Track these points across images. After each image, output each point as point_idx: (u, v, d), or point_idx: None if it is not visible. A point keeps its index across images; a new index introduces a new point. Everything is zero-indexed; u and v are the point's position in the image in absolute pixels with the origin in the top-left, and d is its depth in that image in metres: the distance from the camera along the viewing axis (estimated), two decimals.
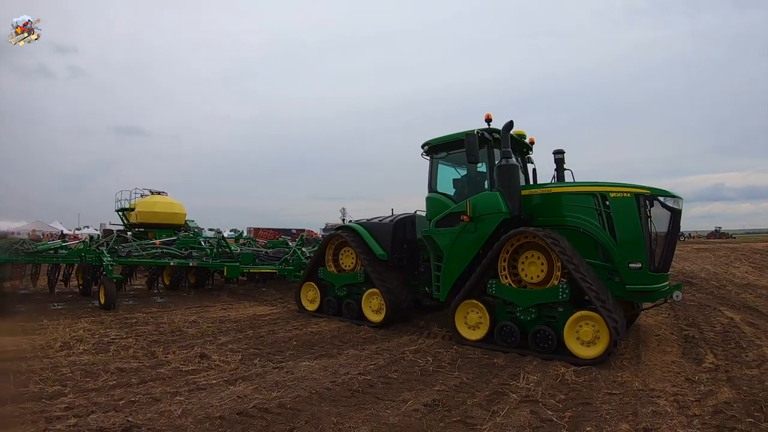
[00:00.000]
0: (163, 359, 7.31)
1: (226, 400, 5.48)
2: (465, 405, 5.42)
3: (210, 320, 10.65)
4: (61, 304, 12.85)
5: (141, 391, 5.81)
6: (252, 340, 8.86)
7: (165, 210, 23.45)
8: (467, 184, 9.90)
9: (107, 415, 4.96)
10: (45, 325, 9.60)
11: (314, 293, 12.03)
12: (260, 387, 6.00)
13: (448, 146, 9.90)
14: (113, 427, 4.66)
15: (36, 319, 10.29)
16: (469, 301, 8.69)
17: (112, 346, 8.02)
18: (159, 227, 22.61)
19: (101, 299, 12.22)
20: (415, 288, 10.87)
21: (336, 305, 11.47)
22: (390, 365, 7.18)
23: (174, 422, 4.82)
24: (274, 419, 4.96)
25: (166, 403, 5.34)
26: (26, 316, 10.91)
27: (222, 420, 4.90)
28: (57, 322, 9.93)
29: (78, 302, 13.26)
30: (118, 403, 5.35)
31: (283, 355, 7.79)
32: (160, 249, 15.20)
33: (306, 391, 5.87)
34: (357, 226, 11.37)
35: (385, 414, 5.13)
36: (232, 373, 6.63)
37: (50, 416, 4.92)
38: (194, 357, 7.44)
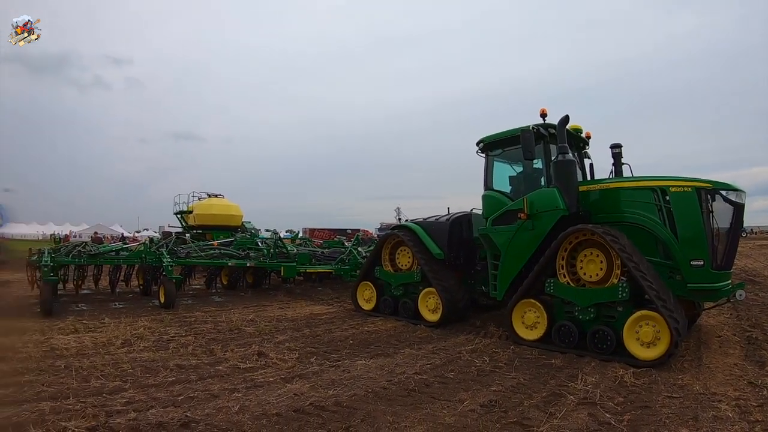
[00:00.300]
0: (221, 357, 7.45)
1: (282, 398, 5.55)
2: (522, 406, 5.36)
3: (267, 319, 10.81)
4: (122, 303, 13.22)
5: (199, 387, 5.94)
6: (309, 339, 8.95)
7: (222, 212, 23.92)
8: (523, 181, 9.75)
9: (166, 410, 5.08)
10: (107, 323, 9.91)
11: (370, 293, 12.08)
12: (317, 385, 6.06)
13: (504, 143, 9.80)
14: (172, 421, 4.77)
15: (98, 318, 10.65)
16: (527, 301, 8.58)
17: (171, 344, 8.23)
18: (216, 229, 23.05)
19: (161, 298, 12.54)
20: (472, 287, 10.81)
21: (392, 304, 11.48)
22: (446, 365, 7.15)
23: (231, 418, 4.91)
24: (330, 417, 5.00)
25: (224, 400, 5.45)
26: (88, 314, 11.23)
27: (279, 417, 4.96)
28: (118, 320, 10.25)
29: (138, 301, 13.63)
30: (177, 398, 5.48)
31: (339, 353, 7.85)
32: (218, 250, 15.53)
33: (362, 389, 5.91)
34: (413, 225, 11.36)
35: (441, 414, 5.11)
36: (289, 371, 6.72)
37: (110, 410, 5.08)
38: (252, 355, 7.56)
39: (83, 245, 15.24)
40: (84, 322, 10.06)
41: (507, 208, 9.19)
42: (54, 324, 9.86)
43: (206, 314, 11.40)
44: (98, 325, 9.84)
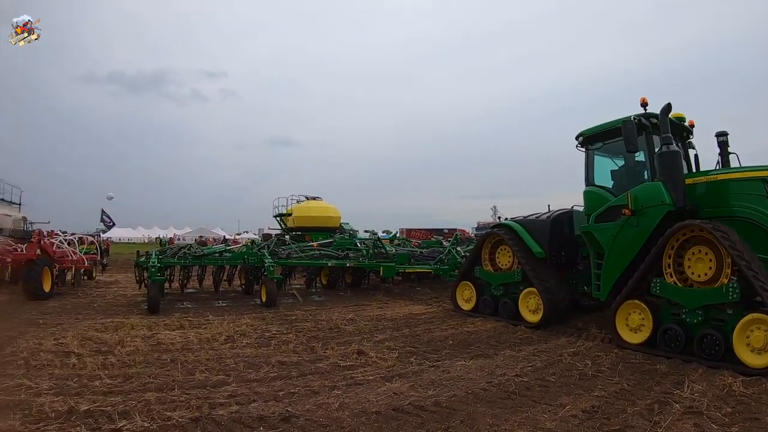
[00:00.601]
0: (321, 354, 7.61)
1: (382, 396, 5.60)
2: (625, 413, 5.17)
3: (367, 318, 10.94)
4: (224, 301, 13.75)
5: (300, 383, 6.09)
6: (408, 339, 8.99)
7: (320, 214, 24.39)
8: (626, 174, 9.42)
9: (267, 404, 5.25)
10: (211, 321, 10.34)
11: (470, 292, 11.98)
12: (416, 385, 6.07)
13: (604, 135, 9.52)
14: (273, 415, 4.92)
15: (202, 315, 11.14)
16: (631, 302, 8.24)
17: (273, 341, 8.48)
18: (315, 230, 23.52)
19: (263, 297, 12.91)
20: (574, 287, 10.53)
21: (492, 305, 11.34)
22: (547, 368, 7.02)
23: (331, 414, 4.99)
24: (429, 417, 5.00)
25: (324, 396, 5.56)
26: (193, 312, 11.78)
27: (378, 415, 5.01)
28: (222, 317, 10.67)
29: (240, 300, 14.13)
30: (278, 393, 5.65)
31: (439, 354, 7.83)
32: (318, 251, 15.85)
33: (462, 390, 5.88)
34: (513, 223, 11.19)
35: (542, 418, 5.01)
36: (388, 370, 6.77)
37: (214, 402, 5.30)
38: (352, 353, 7.68)
39: (188, 247, 15.95)
40: (189, 319, 10.56)
41: (610, 204, 8.91)
42: (161, 320, 10.39)
43: (307, 313, 11.64)
44: (202, 322, 10.29)
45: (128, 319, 10.67)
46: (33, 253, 13.83)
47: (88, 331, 9.26)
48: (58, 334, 9.05)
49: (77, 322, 10.31)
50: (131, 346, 8.05)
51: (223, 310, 11.98)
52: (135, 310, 12.26)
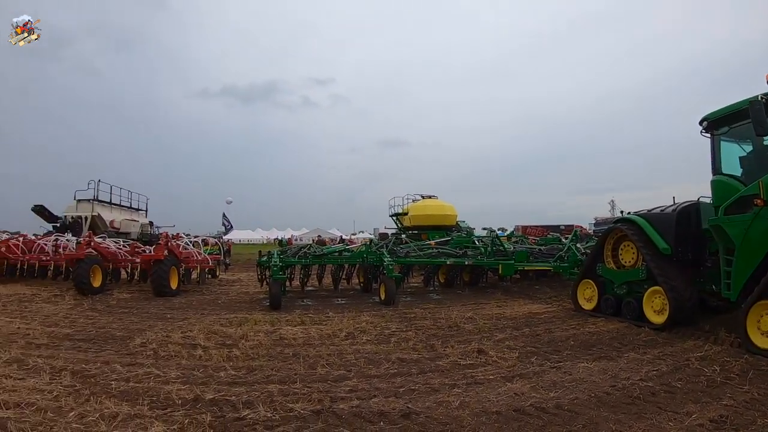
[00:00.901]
0: (441, 352, 7.47)
1: (502, 396, 5.42)
2: (755, 425, 4.71)
3: (486, 317, 10.70)
4: (344, 299, 13.92)
5: (420, 380, 6.00)
6: (528, 338, 8.70)
7: (437, 212, 24.28)
8: (756, 161, 8.53)
9: (388, 400, 5.19)
10: (331, 317, 10.48)
11: (591, 291, 11.45)
12: (537, 386, 5.85)
13: (730, 119, 8.67)
14: (393, 411, 4.86)
15: (322, 312, 11.31)
16: (764, 302, 7.41)
17: (392, 338, 8.44)
18: (431, 229, 23.45)
19: (381, 295, 12.94)
20: (701, 286, 9.71)
21: (614, 304, 10.73)
22: (673, 372, 6.53)
23: (451, 413, 4.87)
24: (550, 420, 4.79)
25: (444, 394, 5.44)
26: (313, 309, 11.98)
27: (498, 415, 4.85)
28: (341, 314, 10.80)
29: (359, 298, 14.24)
30: (399, 390, 5.58)
31: (560, 354, 7.52)
32: (436, 249, 15.77)
33: (584, 393, 5.59)
34: (637, 217, 10.54)
35: (667, 426, 4.67)
36: (509, 370, 6.56)
37: (335, 396, 5.31)
38: (472, 352, 7.49)
39: (308, 247, 16.28)
40: (310, 316, 10.75)
41: (740, 195, 8.09)
42: (282, 317, 10.63)
43: (425, 311, 11.54)
44: (323, 318, 10.44)
45: (251, 315, 10.99)
46: (161, 254, 14.56)
47: (213, 325, 9.60)
48: (185, 327, 9.46)
49: (203, 317, 10.75)
50: (254, 340, 8.28)
51: (343, 308, 12.10)
52: (257, 306, 12.64)
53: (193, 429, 4.55)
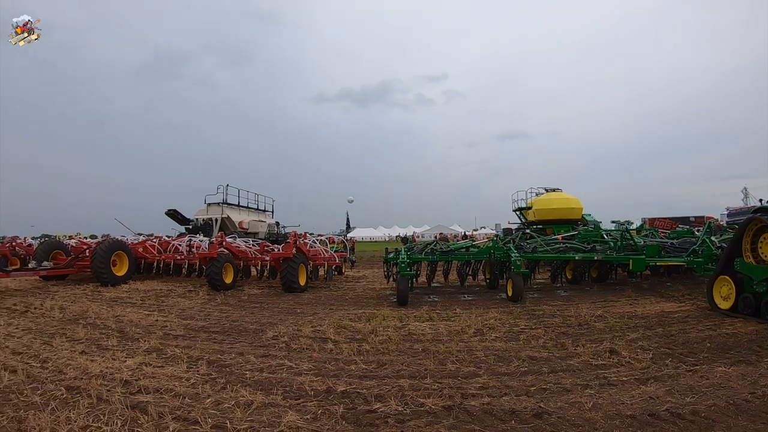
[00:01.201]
0: (572, 351, 7.29)
1: (636, 399, 5.21)
2: None
3: (616, 315, 10.31)
4: (470, 295, 13.82)
5: (551, 380, 5.88)
6: (662, 339, 8.27)
7: (562, 206, 23.61)
8: None
9: (519, 399, 5.12)
10: (458, 314, 10.43)
11: (728, 289, 10.63)
12: (672, 390, 5.56)
13: None
14: (524, 410, 4.79)
15: (450, 308, 11.29)
16: None
17: (521, 336, 8.31)
18: (557, 223, 22.89)
19: (508, 292, 12.74)
20: None
21: (753, 304, 9.83)
22: None
23: (584, 414, 4.75)
24: (686, 427, 4.55)
25: (577, 395, 5.30)
26: (441, 305, 11.98)
27: (633, 419, 4.67)
28: (469, 311, 10.71)
29: (486, 294, 14.10)
30: (530, 389, 5.49)
31: (696, 357, 7.09)
32: (563, 244, 15.38)
33: (722, 400, 5.25)
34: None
35: None
36: (642, 372, 6.29)
37: (465, 393, 5.30)
38: (603, 351, 7.24)
39: (434, 243, 16.30)
40: (437, 312, 10.75)
41: None
42: (410, 312, 10.72)
43: (554, 308, 11.30)
44: (450, 315, 10.41)
45: (379, 310, 11.18)
46: (290, 252, 15.08)
47: (342, 320, 9.84)
48: (314, 322, 9.75)
49: (331, 312, 11.04)
50: (383, 335, 8.40)
51: (470, 304, 12.04)
52: (384, 302, 12.83)
53: (325, 419, 4.70)
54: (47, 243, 22.16)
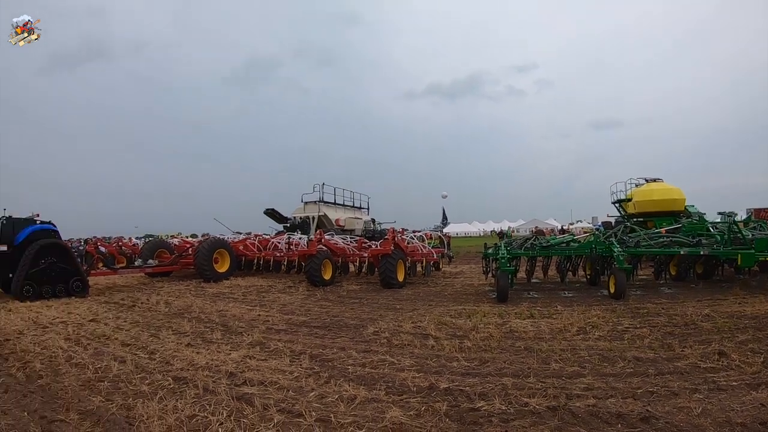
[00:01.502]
0: (679, 353, 7.00)
1: (747, 406, 4.95)
2: None
3: (724, 315, 9.79)
4: (570, 292, 13.54)
5: (658, 382, 5.69)
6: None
7: (663, 197, 22.68)
8: None
9: (625, 402, 5.00)
10: (559, 311, 10.23)
11: None
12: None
13: None
14: (631, 414, 4.67)
15: (550, 305, 11.10)
16: None
17: (626, 335, 8.06)
18: (658, 215, 22.04)
19: (610, 288, 12.39)
20: None
21: None
22: None
23: (692, 420, 4.58)
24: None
25: (684, 399, 5.11)
26: (541, 302, 11.80)
27: (743, 428, 4.46)
28: (570, 308, 10.50)
29: (587, 291, 13.74)
30: (636, 391, 5.34)
31: None
32: (667, 237, 14.81)
33: None
34: None
35: None
36: (753, 377, 5.94)
37: (570, 393, 5.22)
38: (712, 354, 6.90)
39: (534, 238, 16.06)
40: (538, 309, 10.60)
41: None
42: (510, 309, 10.62)
43: (658, 306, 10.85)
44: (552, 312, 10.24)
45: (478, 306, 11.14)
46: (388, 249, 15.26)
47: (442, 316, 9.88)
48: (415, 318, 9.86)
49: (431, 308, 11.10)
50: (485, 332, 8.38)
51: (571, 301, 11.81)
52: (484, 298, 12.77)
53: (429, 416, 4.74)
54: (152, 242, 23.81)
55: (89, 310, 12.56)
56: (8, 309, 12.68)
